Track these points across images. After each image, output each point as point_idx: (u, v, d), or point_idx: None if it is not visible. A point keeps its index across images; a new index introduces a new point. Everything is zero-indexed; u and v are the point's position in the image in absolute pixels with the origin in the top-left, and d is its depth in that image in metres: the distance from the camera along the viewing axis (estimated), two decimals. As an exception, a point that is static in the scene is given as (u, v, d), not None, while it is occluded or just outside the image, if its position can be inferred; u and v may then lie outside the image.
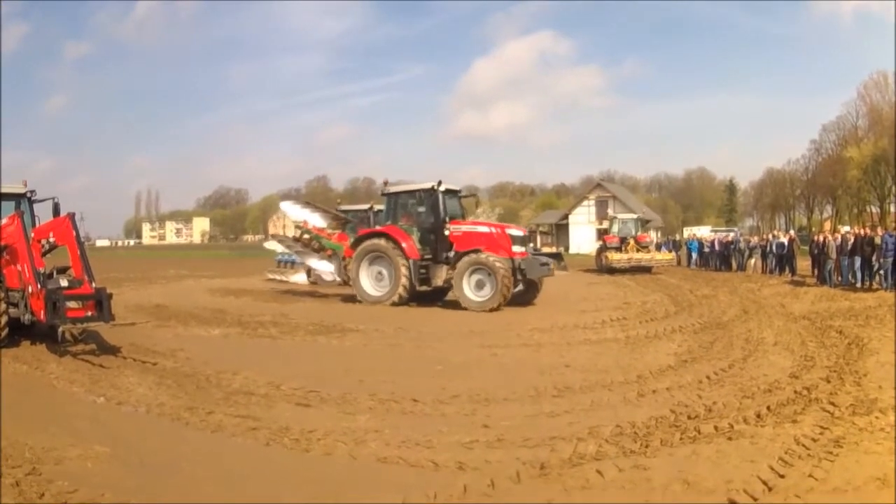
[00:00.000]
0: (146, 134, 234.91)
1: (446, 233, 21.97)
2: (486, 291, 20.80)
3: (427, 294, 22.25)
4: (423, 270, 21.94)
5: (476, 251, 21.08)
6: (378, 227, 23.20)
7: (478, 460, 6.91)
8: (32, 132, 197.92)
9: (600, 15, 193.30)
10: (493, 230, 22.27)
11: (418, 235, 22.27)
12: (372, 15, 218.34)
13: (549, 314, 19.51)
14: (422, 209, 22.61)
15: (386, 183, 24.24)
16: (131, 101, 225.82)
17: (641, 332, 15.61)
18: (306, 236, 26.98)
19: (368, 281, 22.65)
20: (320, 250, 26.41)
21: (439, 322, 18.39)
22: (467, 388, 10.02)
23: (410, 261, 21.81)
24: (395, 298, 21.72)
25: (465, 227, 22.23)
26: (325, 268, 26.13)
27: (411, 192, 23.26)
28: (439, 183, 22.32)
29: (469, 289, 21.02)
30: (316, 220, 26.87)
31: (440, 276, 21.86)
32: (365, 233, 23.33)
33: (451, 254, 21.74)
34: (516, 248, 21.61)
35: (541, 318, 18.68)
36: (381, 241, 22.25)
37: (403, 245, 21.88)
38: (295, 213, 28.14)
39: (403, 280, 21.71)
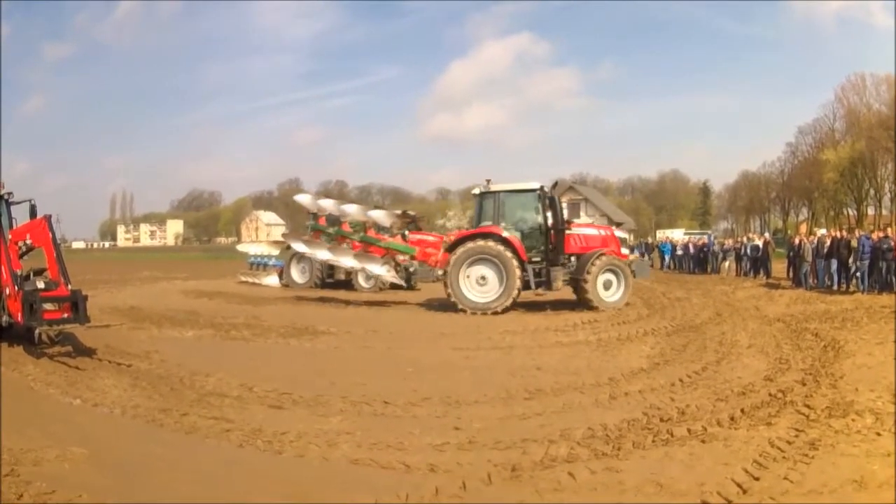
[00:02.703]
0: (121, 135, 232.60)
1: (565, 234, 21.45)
2: (614, 291, 20.94)
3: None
4: (540, 274, 21.24)
5: (601, 253, 20.98)
6: (483, 228, 21.40)
7: (449, 462, 6.94)
8: (10, 133, 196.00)
9: (579, 16, 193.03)
10: (606, 232, 22.52)
11: (518, 236, 21.32)
12: (346, 16, 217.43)
13: (519, 316, 19.64)
14: (530, 210, 21.96)
15: (488, 181, 22.26)
16: (107, 101, 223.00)
17: (613, 334, 15.59)
18: (354, 236, 24.98)
19: (468, 287, 20.96)
20: (369, 250, 24.13)
21: (410, 324, 18.54)
22: (439, 390, 10.09)
23: (525, 264, 20.92)
24: (508, 304, 20.54)
25: (584, 230, 22.30)
26: (379, 270, 23.99)
27: (518, 192, 22.19)
28: (555, 185, 22.43)
29: (602, 289, 20.84)
30: (379, 218, 24.87)
31: (560, 278, 21.13)
32: (466, 234, 21.90)
33: (572, 256, 21.42)
34: (624, 251, 21.91)
35: (512, 320, 18.84)
36: (490, 244, 20.80)
37: (516, 247, 20.86)
38: (332, 208, 25.80)
39: (518, 284, 20.62)
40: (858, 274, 24.33)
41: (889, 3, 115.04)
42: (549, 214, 21.58)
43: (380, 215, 24.83)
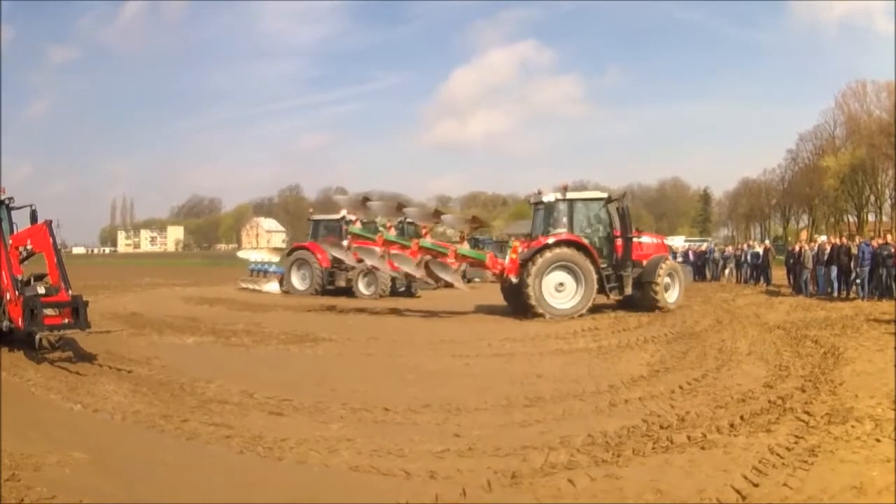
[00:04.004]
0: (123, 140, 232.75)
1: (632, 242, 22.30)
2: (672, 293, 22.48)
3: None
4: (610, 279, 21.85)
5: (665, 258, 22.59)
6: (563, 236, 21.70)
7: (449, 469, 6.92)
8: (13, 137, 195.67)
9: (583, 23, 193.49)
10: (658, 240, 24.13)
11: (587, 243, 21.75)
12: (350, 22, 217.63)
13: (520, 323, 19.65)
14: (602, 218, 22.59)
15: (566, 188, 22.96)
16: (110, 105, 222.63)
17: (613, 341, 15.60)
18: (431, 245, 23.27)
19: (550, 293, 21.17)
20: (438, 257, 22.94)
21: (411, 331, 18.49)
22: (439, 397, 10.06)
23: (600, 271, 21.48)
24: (585, 310, 20.89)
25: (644, 238, 23.47)
26: (450, 276, 23.12)
27: (589, 201, 22.90)
28: (623, 195, 23.42)
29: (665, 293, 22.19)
30: (450, 222, 24.56)
31: (630, 284, 22.02)
32: (544, 242, 21.59)
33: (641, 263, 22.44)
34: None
35: (512, 327, 18.86)
36: (568, 251, 21.20)
37: (593, 254, 21.44)
38: (383, 209, 25.51)
39: (596, 290, 21.20)
40: (859, 281, 24.35)
41: (891, 9, 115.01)
42: (612, 222, 22.53)
43: (450, 220, 24.75)
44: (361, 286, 29.64)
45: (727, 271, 39.30)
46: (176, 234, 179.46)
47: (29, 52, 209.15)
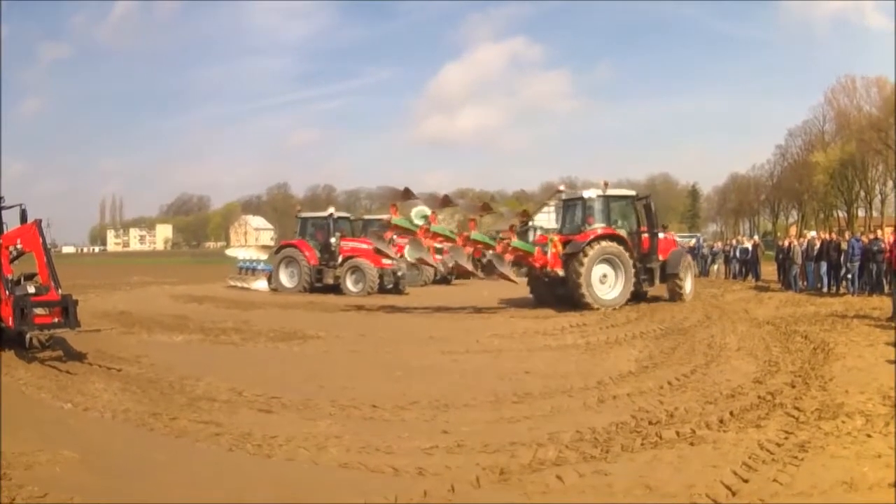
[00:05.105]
0: (112, 138, 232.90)
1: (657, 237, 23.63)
2: (687, 285, 24.09)
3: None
4: (644, 273, 22.90)
5: (685, 252, 24.36)
6: (603, 230, 22.45)
7: (438, 466, 6.95)
8: (5, 136, 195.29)
9: (573, 19, 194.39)
10: (670, 237, 26.20)
11: None
12: (339, 17, 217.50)
13: (508, 320, 19.74)
14: (630, 214, 23.74)
15: (606, 185, 24.01)
16: (101, 104, 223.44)
17: (602, 337, 15.59)
18: (499, 240, 23.48)
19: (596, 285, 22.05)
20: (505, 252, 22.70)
21: (399, 328, 18.59)
22: (427, 393, 10.10)
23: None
24: (621, 303, 21.85)
25: (662, 234, 24.61)
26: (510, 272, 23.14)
27: (621, 198, 23.95)
28: (648, 195, 24.64)
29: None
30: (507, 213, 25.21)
31: (658, 276, 23.36)
32: (593, 236, 22.24)
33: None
34: None
35: (501, 323, 18.93)
36: (612, 244, 22.10)
37: (631, 248, 22.54)
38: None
39: (633, 283, 22.22)
40: (849, 276, 24.37)
41: (883, 6, 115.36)
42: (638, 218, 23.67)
43: (507, 212, 25.88)
44: (349, 283, 29.67)
45: (716, 267, 39.35)
46: (165, 232, 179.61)
47: (20, 51, 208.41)
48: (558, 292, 22.73)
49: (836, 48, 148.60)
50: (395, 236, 23.57)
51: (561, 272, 22.21)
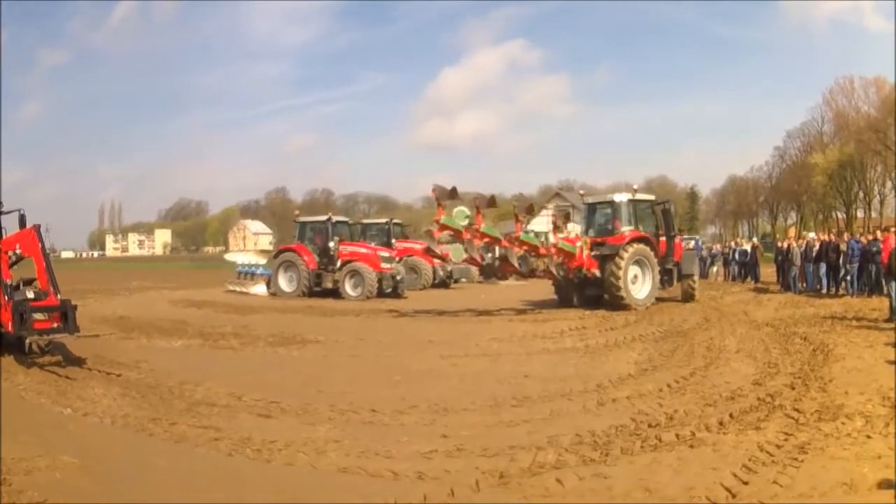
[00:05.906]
0: (111, 143, 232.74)
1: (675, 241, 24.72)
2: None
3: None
4: (666, 275, 23.97)
5: (696, 254, 25.88)
6: (634, 233, 23.21)
7: (437, 470, 6.94)
8: (5, 141, 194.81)
9: (572, 22, 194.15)
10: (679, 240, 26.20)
11: None
12: (337, 23, 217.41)
13: (507, 323, 19.70)
14: (650, 218, 24.53)
15: (635, 189, 25.41)
16: (100, 109, 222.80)
17: (601, 340, 15.60)
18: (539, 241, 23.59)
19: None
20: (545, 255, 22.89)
21: (398, 332, 18.55)
22: (426, 397, 10.09)
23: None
24: (650, 302, 22.74)
25: (677, 239, 25.34)
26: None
27: (642, 202, 24.69)
28: (667, 201, 25.86)
29: None
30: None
31: (676, 277, 24.57)
32: (628, 238, 22.94)
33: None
34: None
35: (500, 327, 18.90)
36: (642, 246, 22.90)
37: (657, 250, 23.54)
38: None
39: (658, 284, 23.14)
40: (848, 277, 24.37)
41: (882, 7, 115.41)
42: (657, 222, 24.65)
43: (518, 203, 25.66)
44: (348, 287, 29.63)
45: (715, 269, 39.35)
46: (163, 237, 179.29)
47: (19, 56, 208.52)
48: (588, 293, 23.46)
49: (834, 49, 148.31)
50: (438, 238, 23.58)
51: (597, 272, 22.73)
